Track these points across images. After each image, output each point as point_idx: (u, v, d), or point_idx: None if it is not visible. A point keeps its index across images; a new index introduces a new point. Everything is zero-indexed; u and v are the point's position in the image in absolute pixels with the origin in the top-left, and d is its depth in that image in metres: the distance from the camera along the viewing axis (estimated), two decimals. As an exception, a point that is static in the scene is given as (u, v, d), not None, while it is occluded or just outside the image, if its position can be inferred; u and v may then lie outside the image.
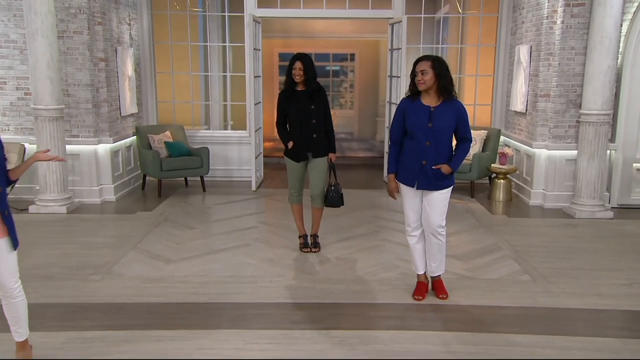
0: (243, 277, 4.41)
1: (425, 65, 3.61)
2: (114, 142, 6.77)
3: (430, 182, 3.73)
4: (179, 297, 3.98)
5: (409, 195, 3.83)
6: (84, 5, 6.23)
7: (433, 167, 3.69)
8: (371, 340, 3.38)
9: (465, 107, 3.81)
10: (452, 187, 3.83)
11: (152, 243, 5.18)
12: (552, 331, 3.49)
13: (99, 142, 6.62)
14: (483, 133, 7.35)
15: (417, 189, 3.78)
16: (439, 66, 3.63)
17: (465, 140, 3.79)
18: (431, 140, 3.68)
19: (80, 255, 4.82)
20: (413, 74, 3.68)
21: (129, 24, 7.30)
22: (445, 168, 3.71)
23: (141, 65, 7.77)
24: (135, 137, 7.36)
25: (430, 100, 3.70)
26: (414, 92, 3.73)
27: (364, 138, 12.57)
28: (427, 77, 3.61)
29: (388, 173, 3.93)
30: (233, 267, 4.62)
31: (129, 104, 7.22)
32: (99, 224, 5.86)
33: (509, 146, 7.35)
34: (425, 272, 4.01)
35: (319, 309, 3.82)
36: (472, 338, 3.40)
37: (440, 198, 3.78)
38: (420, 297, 3.95)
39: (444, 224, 3.82)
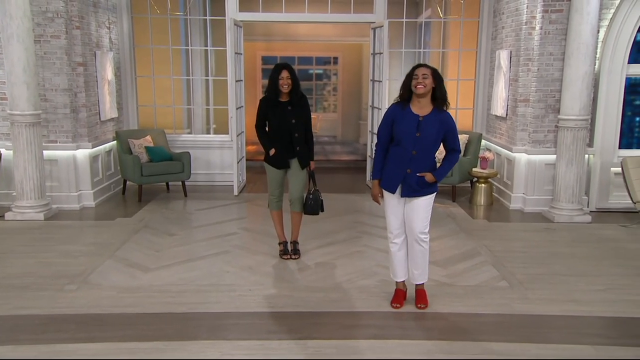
0: (222, 285, 4.38)
1: (426, 71, 3.64)
2: (93, 147, 6.70)
3: (413, 189, 3.74)
4: (155, 307, 3.93)
5: (391, 201, 3.83)
6: (62, 9, 6.15)
7: (418, 174, 3.71)
8: (347, 350, 3.37)
9: (453, 118, 3.84)
10: (435, 193, 3.84)
11: (130, 251, 5.13)
12: (526, 339, 3.51)
13: (78, 148, 6.54)
14: (464, 137, 7.40)
15: (400, 196, 3.79)
16: (438, 75, 3.68)
17: (453, 152, 3.82)
18: (417, 150, 3.69)
19: (56, 264, 4.76)
20: (409, 79, 3.66)
21: (109, 28, 7.22)
22: (429, 177, 3.72)
23: (121, 69, 7.69)
24: (115, 141, 7.29)
25: (420, 109, 3.70)
26: (405, 98, 3.73)
27: (347, 141, 12.59)
28: (428, 82, 3.61)
29: (372, 179, 3.92)
30: (212, 275, 4.59)
31: (108, 109, 7.15)
32: (77, 230, 5.79)
33: (490, 150, 7.41)
34: (404, 280, 4.01)
35: (296, 318, 3.80)
36: (448, 347, 3.42)
37: (424, 204, 3.78)
38: (398, 305, 3.96)
39: (426, 230, 3.83)
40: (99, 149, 6.93)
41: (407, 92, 3.71)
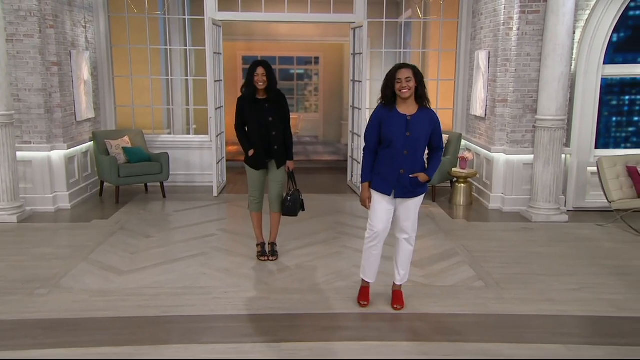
0: (197, 288, 4.32)
1: (409, 73, 3.61)
2: (68, 148, 6.59)
3: (407, 190, 3.74)
4: (128, 311, 3.87)
5: (382, 204, 3.79)
6: (35, 8, 6.03)
7: (410, 175, 3.70)
8: (322, 353, 3.35)
9: (438, 116, 3.84)
10: (425, 193, 3.87)
11: (105, 253, 5.05)
12: (501, 339, 3.52)
13: (53, 149, 6.43)
14: (445, 137, 7.40)
15: (394, 197, 3.77)
16: (419, 74, 3.67)
17: (438, 150, 3.83)
18: (409, 149, 3.68)
19: (28, 267, 4.66)
20: (391, 82, 3.64)
21: (85, 27, 7.11)
22: (422, 177, 3.73)
23: (98, 69, 7.58)
24: (92, 142, 7.18)
25: (406, 109, 3.69)
26: (389, 100, 3.71)
27: (329, 141, 12.58)
28: (412, 84, 3.60)
29: (362, 182, 3.85)
30: (188, 277, 4.53)
31: (85, 109, 7.04)
32: (51, 233, 5.68)
33: (469, 150, 7.44)
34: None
35: (272, 321, 3.77)
36: (422, 347, 3.41)
37: (416, 204, 3.82)
38: (366, 303, 3.97)
39: (416, 229, 3.88)
40: (75, 150, 6.82)
41: (391, 94, 3.68)
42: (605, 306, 4.02)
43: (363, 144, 3.93)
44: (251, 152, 4.75)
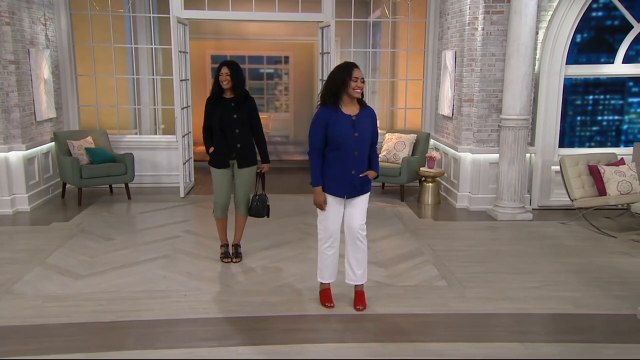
0: (156, 291, 4.22)
1: (361, 73, 3.61)
2: (27, 149, 6.40)
3: (357, 190, 3.74)
4: (82, 316, 3.76)
5: (334, 206, 3.76)
6: (-11, 4, 5.85)
7: (360, 175, 3.69)
8: (279, 356, 3.29)
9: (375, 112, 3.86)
10: (370, 190, 3.87)
11: (62, 257, 4.90)
12: (460, 338, 3.52)
13: (10, 149, 6.23)
14: (413, 137, 7.43)
15: (346, 198, 3.75)
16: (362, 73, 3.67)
17: (375, 144, 3.85)
18: (358, 150, 3.66)
19: (-21, 273, 4.50)
20: (344, 81, 3.58)
21: (45, 25, 6.91)
22: (371, 174, 3.74)
23: (60, 68, 7.38)
24: (53, 143, 6.99)
25: (349, 109, 3.67)
26: (332, 101, 3.65)
27: (299, 141, 12.50)
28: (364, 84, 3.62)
29: (314, 185, 3.75)
30: (147, 281, 4.42)
31: (45, 109, 6.84)
32: (7, 237, 5.50)
33: (437, 149, 7.47)
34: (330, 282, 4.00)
35: (231, 324, 3.70)
36: (382, 349, 3.38)
37: (364, 201, 3.81)
38: (331, 304, 3.94)
39: (365, 223, 3.84)
40: (34, 151, 6.62)
41: (341, 94, 3.62)
42: (563, 303, 4.05)
43: None
44: (211, 149, 4.69)
